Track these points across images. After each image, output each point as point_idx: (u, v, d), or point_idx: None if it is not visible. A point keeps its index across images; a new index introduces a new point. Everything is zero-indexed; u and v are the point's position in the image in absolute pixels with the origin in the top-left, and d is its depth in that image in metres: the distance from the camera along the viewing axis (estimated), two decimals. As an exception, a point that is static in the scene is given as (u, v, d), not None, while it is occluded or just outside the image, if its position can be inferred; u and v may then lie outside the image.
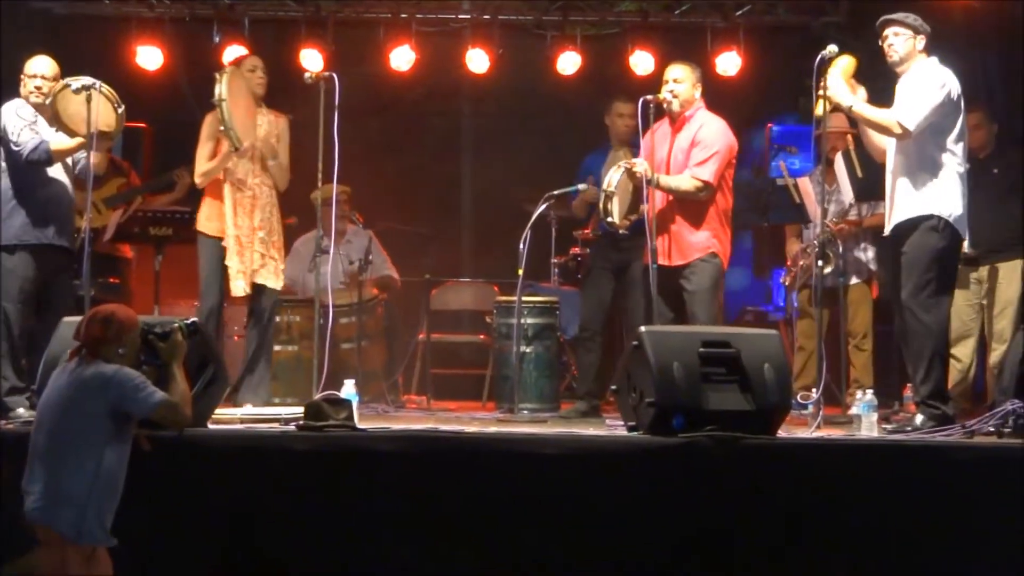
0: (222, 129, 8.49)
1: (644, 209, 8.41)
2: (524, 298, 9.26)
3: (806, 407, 8.26)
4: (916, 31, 7.87)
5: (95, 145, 7.92)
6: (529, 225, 8.88)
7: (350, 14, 11.58)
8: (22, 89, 8.23)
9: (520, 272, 8.92)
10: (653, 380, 6.97)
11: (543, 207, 9.05)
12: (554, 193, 9.14)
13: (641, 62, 11.38)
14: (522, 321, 9.29)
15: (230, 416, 7.74)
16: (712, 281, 8.56)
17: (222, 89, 8.41)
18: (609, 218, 8.52)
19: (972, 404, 9.02)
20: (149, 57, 11.32)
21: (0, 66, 8.82)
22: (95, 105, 7.84)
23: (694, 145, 8.58)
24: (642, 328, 7.27)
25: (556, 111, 11.86)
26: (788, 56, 11.30)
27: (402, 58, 11.41)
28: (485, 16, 11.56)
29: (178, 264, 9.92)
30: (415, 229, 11.57)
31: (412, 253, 11.34)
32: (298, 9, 11.51)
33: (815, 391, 7.95)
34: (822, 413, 7.80)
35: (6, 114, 8.08)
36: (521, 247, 8.87)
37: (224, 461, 6.85)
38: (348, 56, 11.21)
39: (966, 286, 9.10)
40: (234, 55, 11.01)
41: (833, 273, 9.35)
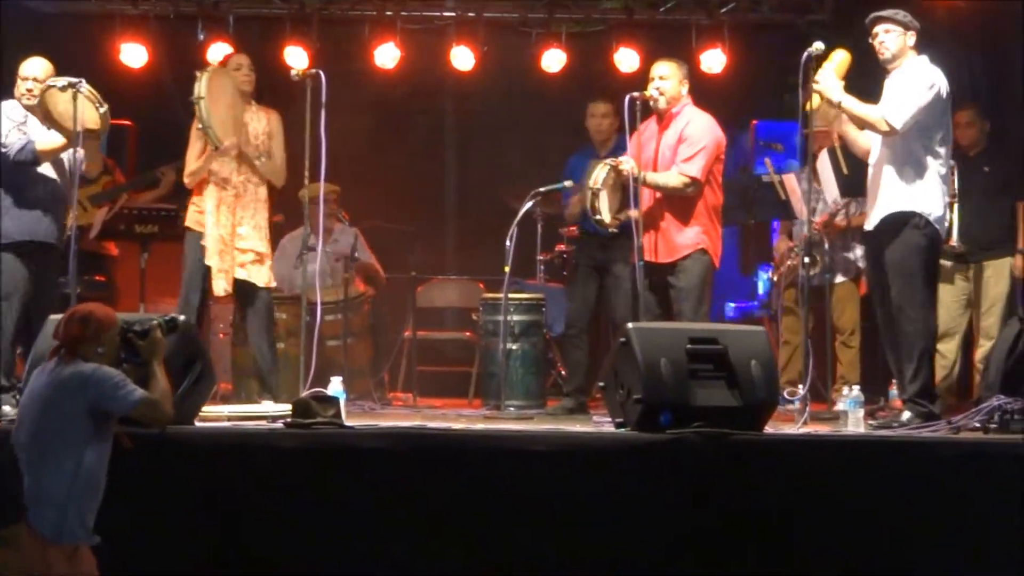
0: (200, 128, 8.49)
1: (633, 214, 8.42)
2: (510, 295, 9.25)
3: (792, 403, 8.27)
4: (907, 28, 7.87)
5: (83, 144, 7.91)
6: (516, 222, 8.88)
7: (335, 12, 11.59)
8: (16, 91, 8.25)
9: (507, 269, 8.93)
10: (641, 377, 6.97)
11: (530, 204, 9.06)
12: (540, 190, 9.15)
13: (626, 59, 11.39)
14: (508, 318, 9.28)
15: (217, 414, 7.73)
16: (700, 279, 8.55)
17: (200, 88, 8.38)
18: (598, 216, 8.51)
19: (957, 399, 9.06)
20: (133, 55, 11.31)
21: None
22: (77, 103, 7.84)
23: (681, 141, 8.58)
24: (629, 325, 7.27)
25: (541, 109, 11.85)
26: (773, 54, 11.32)
27: (387, 56, 11.41)
28: (470, 14, 11.57)
29: (164, 261, 9.90)
30: (401, 227, 11.57)
31: (398, 251, 11.34)
32: (283, 7, 11.51)
33: (801, 387, 7.97)
34: (809, 409, 7.82)
35: None
36: (508, 244, 8.88)
37: (211, 459, 6.83)
38: (333, 54, 11.21)
39: (953, 283, 9.13)
40: (219, 53, 11.04)
41: (819, 273, 9.37)
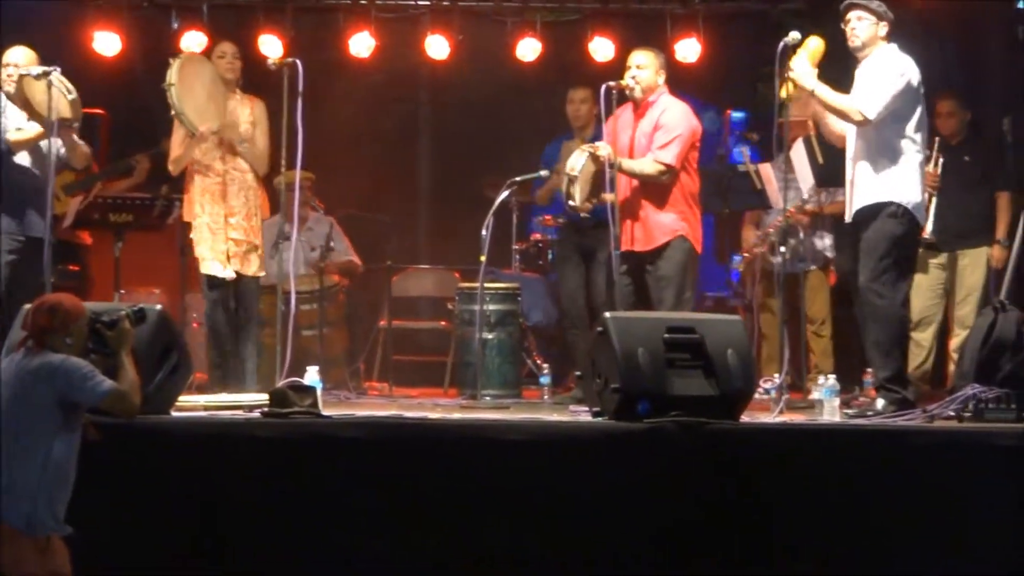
0: (173, 114, 8.47)
1: (608, 198, 8.43)
2: (486, 284, 9.26)
3: (768, 392, 8.30)
4: (880, 17, 7.88)
5: (57, 132, 7.89)
6: (492, 211, 8.88)
7: (310, 0, 11.54)
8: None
9: (483, 259, 8.93)
10: (618, 366, 7.00)
11: (506, 193, 9.06)
12: (516, 180, 9.17)
13: (601, 48, 11.36)
14: (485, 307, 9.28)
15: (193, 404, 7.71)
16: (681, 266, 8.56)
17: (171, 75, 8.39)
18: (571, 201, 8.53)
19: (932, 388, 9.09)
20: (106, 43, 11.21)
21: None
22: (51, 92, 7.83)
23: (656, 129, 8.60)
24: (607, 314, 7.30)
25: (516, 98, 11.84)
26: (747, 43, 11.33)
27: (362, 44, 11.36)
28: (445, 2, 11.52)
29: (138, 250, 9.87)
30: (375, 215, 11.55)
31: (373, 240, 11.31)
32: (257, -5, 11.47)
33: (777, 376, 7.99)
34: (785, 398, 7.85)
35: None
36: (484, 233, 8.88)
37: (188, 449, 6.84)
38: (307, 43, 11.14)
39: (927, 271, 9.17)
40: (192, 41, 10.97)
41: (792, 260, 9.38)
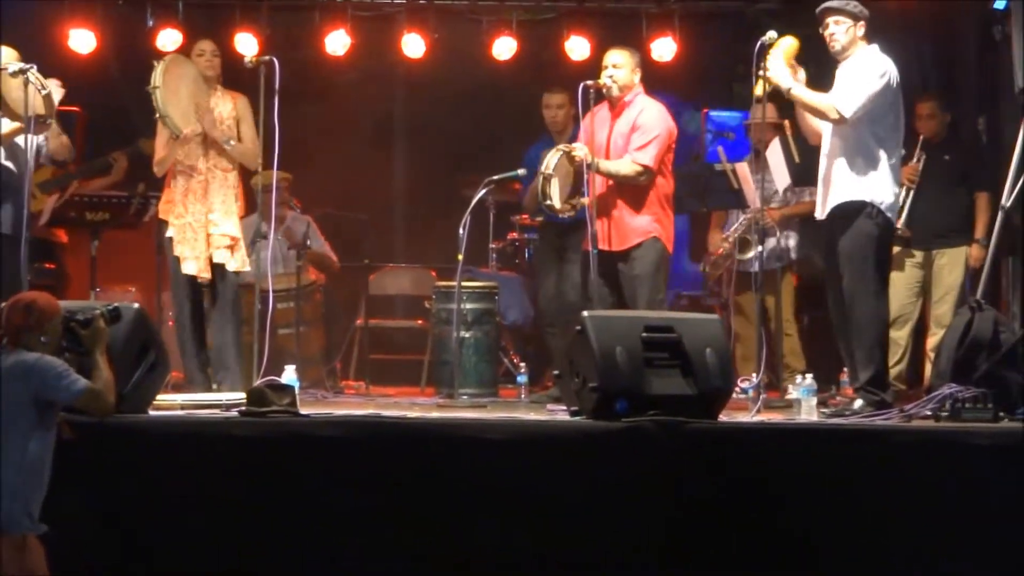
0: (157, 116, 8.45)
1: (584, 201, 8.44)
2: (463, 283, 9.25)
3: (746, 392, 8.32)
4: (856, 18, 7.88)
5: (35, 130, 7.87)
6: (469, 210, 8.88)
7: (285, -2, 11.53)
8: None
9: (460, 257, 8.92)
10: (596, 365, 7.00)
11: (483, 192, 9.06)
12: (494, 178, 9.15)
13: (577, 47, 11.35)
14: (462, 306, 9.28)
15: (170, 403, 7.69)
16: (654, 266, 8.59)
17: (156, 77, 8.38)
18: (548, 201, 8.54)
19: (908, 387, 9.13)
20: (82, 40, 11.16)
21: None
22: (28, 90, 7.81)
23: (634, 130, 8.63)
24: (585, 313, 7.29)
25: (492, 96, 11.84)
26: (723, 42, 11.35)
27: (337, 43, 11.32)
28: (421, 1, 11.51)
29: (114, 249, 9.85)
30: (352, 214, 11.54)
31: (349, 238, 11.31)
32: (233, -7, 11.43)
33: (755, 376, 8.01)
34: (763, 397, 7.88)
35: None
36: (461, 232, 8.87)
37: (165, 448, 6.83)
38: (283, 40, 11.12)
39: (903, 270, 9.20)
40: (168, 39, 10.94)
41: (769, 259, 9.39)
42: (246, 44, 10.99)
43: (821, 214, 8.07)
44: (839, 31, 7.90)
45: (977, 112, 10.17)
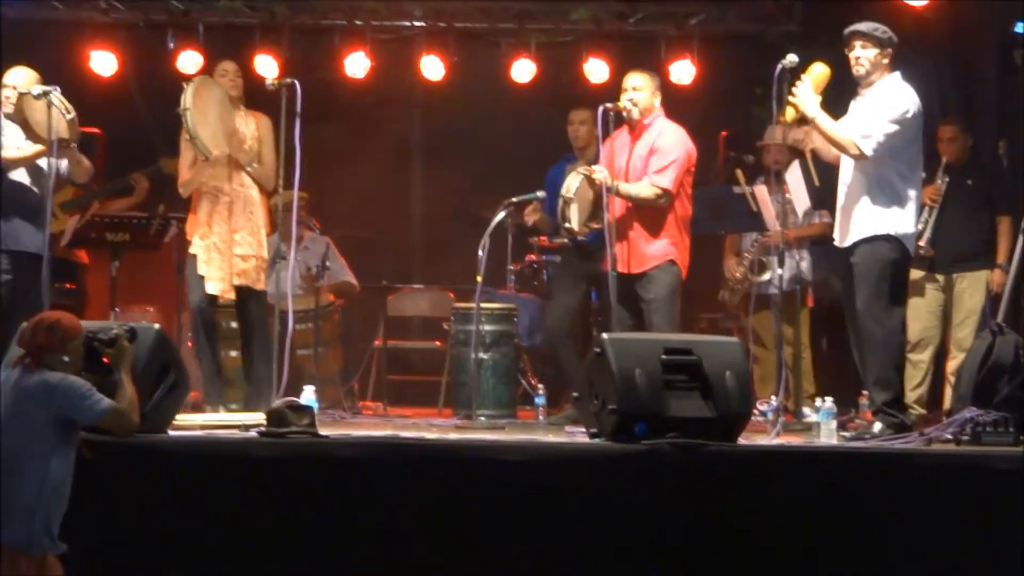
0: (187, 139, 8.47)
1: (597, 226, 8.45)
2: (482, 305, 9.26)
3: (764, 415, 8.30)
4: (884, 45, 7.84)
5: (58, 153, 7.91)
6: (488, 232, 8.88)
7: (305, 20, 11.56)
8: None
9: (479, 279, 8.93)
10: (615, 387, 6.98)
11: (503, 214, 9.07)
12: (513, 200, 9.17)
13: (595, 70, 11.40)
14: (480, 328, 9.28)
15: (190, 423, 7.70)
16: (669, 290, 8.58)
17: (186, 98, 8.38)
18: (567, 224, 8.54)
19: (928, 410, 9.11)
20: (103, 62, 11.27)
21: None
22: (51, 112, 7.85)
23: (652, 152, 8.61)
24: (604, 335, 7.28)
25: (510, 119, 11.88)
26: (742, 65, 11.36)
27: (357, 65, 11.40)
28: (440, 24, 11.56)
29: (134, 270, 9.88)
30: (370, 236, 11.56)
31: (368, 259, 11.32)
32: (253, 16, 11.47)
33: (774, 398, 8.00)
34: (782, 420, 7.86)
35: None
36: (480, 254, 8.88)
37: (185, 468, 6.82)
38: (303, 63, 11.17)
39: (924, 294, 9.17)
40: (188, 61, 11.02)
41: (790, 281, 9.38)
42: (266, 66, 11.06)
43: (841, 243, 8.05)
44: (865, 56, 7.86)
45: (998, 136, 10.16)
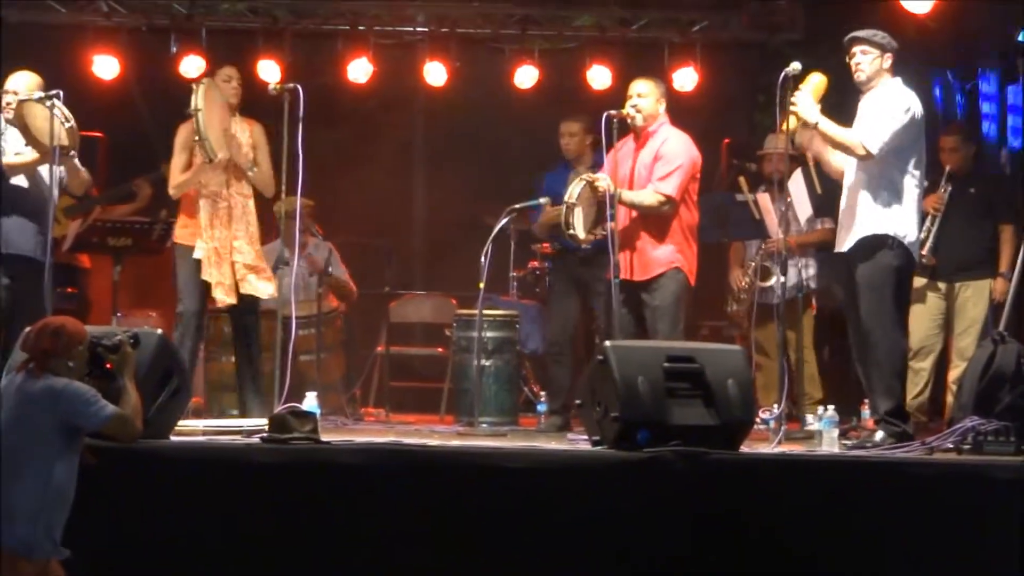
0: (197, 140, 8.41)
1: (600, 234, 8.45)
2: (485, 311, 9.25)
3: (767, 423, 8.29)
4: (883, 50, 7.85)
5: (59, 160, 7.92)
6: (491, 238, 8.88)
7: (308, 26, 11.58)
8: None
9: (481, 285, 8.92)
10: (618, 394, 6.97)
11: (505, 221, 9.05)
12: (516, 207, 9.13)
13: (598, 77, 11.43)
14: (483, 334, 9.28)
15: (192, 428, 7.70)
16: (675, 297, 8.55)
17: (197, 99, 8.32)
18: (571, 231, 8.51)
19: (928, 419, 9.11)
20: (105, 66, 11.28)
21: None
22: (50, 119, 7.85)
23: (657, 159, 8.58)
24: (607, 343, 7.28)
25: (513, 125, 11.88)
26: (745, 72, 11.38)
27: (360, 70, 11.42)
28: (443, 29, 11.58)
29: (136, 274, 9.89)
30: (373, 242, 11.56)
31: (370, 266, 11.32)
32: (256, 20, 11.50)
33: (776, 406, 7.99)
34: (784, 428, 7.85)
35: None
36: (483, 260, 8.86)
37: (187, 473, 6.81)
38: (305, 68, 11.19)
39: (925, 302, 9.18)
40: (191, 65, 11.02)
41: (794, 288, 9.39)
42: (268, 71, 11.07)
43: (843, 247, 8.04)
44: (865, 61, 7.87)
45: (1000, 145, 10.17)
